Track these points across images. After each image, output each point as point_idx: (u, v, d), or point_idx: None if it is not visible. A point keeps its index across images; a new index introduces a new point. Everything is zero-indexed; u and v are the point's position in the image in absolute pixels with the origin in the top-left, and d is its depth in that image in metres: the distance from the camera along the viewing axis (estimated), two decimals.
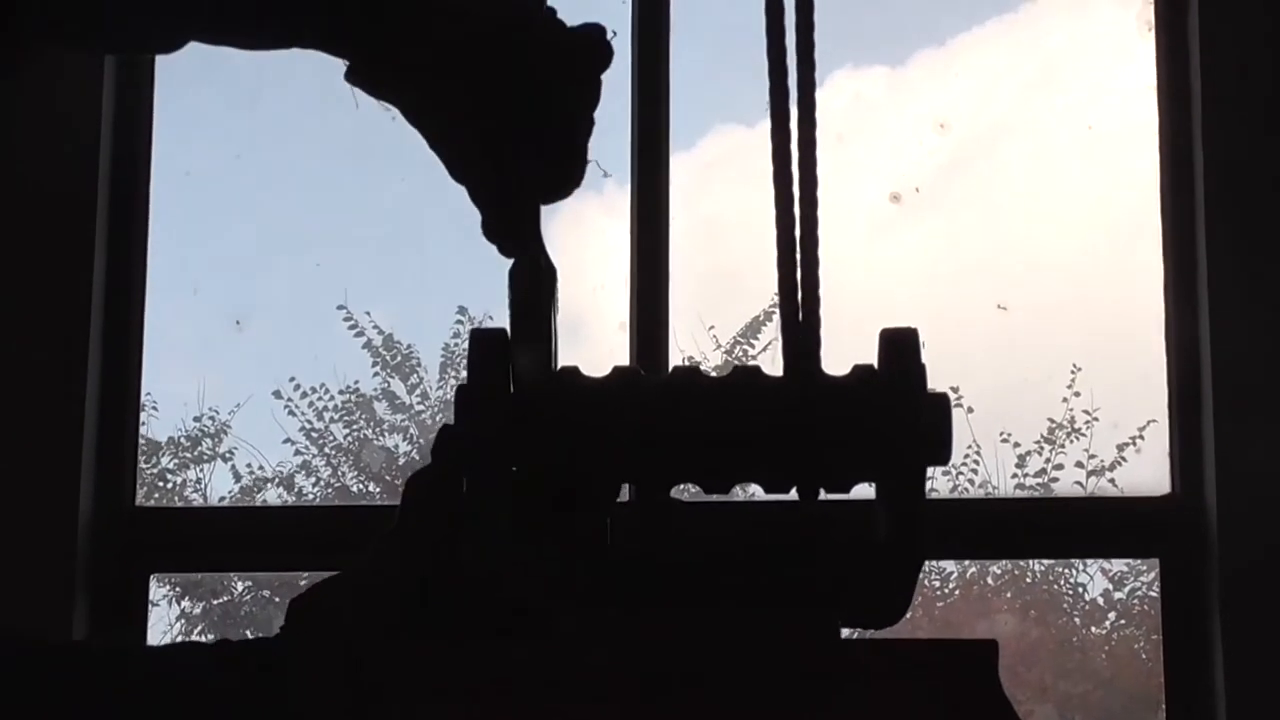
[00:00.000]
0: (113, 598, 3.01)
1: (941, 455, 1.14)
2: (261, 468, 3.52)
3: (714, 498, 1.22)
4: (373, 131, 3.28)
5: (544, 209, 1.30)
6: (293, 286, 3.51)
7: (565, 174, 1.31)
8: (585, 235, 3.45)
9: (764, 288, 3.18)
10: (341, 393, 3.55)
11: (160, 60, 3.18)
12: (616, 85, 3.13)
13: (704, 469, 1.16)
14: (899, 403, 1.13)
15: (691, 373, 1.17)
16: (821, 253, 1.18)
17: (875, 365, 1.16)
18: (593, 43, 1.30)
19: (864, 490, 1.18)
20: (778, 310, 1.17)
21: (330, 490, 3.55)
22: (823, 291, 1.17)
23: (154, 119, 3.17)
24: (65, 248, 3.05)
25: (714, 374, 1.18)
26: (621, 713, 1.08)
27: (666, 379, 1.17)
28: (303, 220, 3.50)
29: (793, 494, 1.17)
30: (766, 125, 1.18)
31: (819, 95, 1.17)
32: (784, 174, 1.17)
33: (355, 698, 1.14)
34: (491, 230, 1.29)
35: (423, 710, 1.08)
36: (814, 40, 1.18)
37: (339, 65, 1.32)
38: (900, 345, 1.14)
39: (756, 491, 1.18)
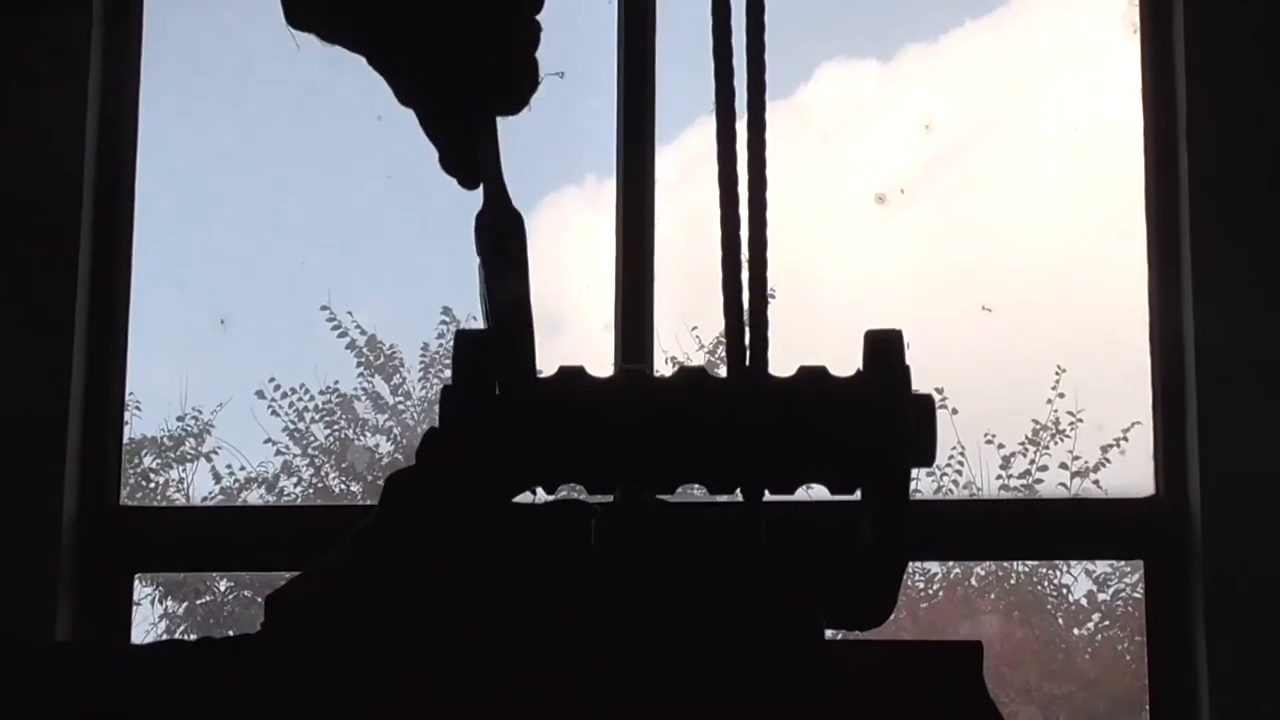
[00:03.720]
0: (96, 596, 3.00)
1: (926, 457, 1.13)
2: (243, 468, 3.51)
3: (701, 497, 1.22)
4: (358, 132, 3.27)
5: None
6: (278, 286, 3.51)
7: (516, 83, 1.26)
8: (568, 231, 3.45)
9: None
10: (322, 393, 3.54)
11: (146, 57, 3.18)
12: (602, 81, 3.14)
13: (666, 470, 1.15)
14: (883, 405, 1.12)
15: (640, 374, 1.17)
16: (806, 253, 1.18)
17: (825, 367, 1.16)
18: None
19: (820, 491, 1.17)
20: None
21: (312, 490, 3.54)
22: (808, 292, 1.17)
23: (139, 117, 3.16)
24: (50, 246, 3.05)
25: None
26: (606, 712, 1.08)
27: (620, 379, 1.16)
28: (288, 219, 3.50)
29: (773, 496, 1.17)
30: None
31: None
32: (729, 171, 1.16)
33: (335, 696, 1.14)
34: (447, 158, 1.26)
35: (403, 710, 1.08)
36: (764, 41, 1.17)
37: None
38: (885, 347, 1.14)
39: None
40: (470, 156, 1.25)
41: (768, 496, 1.16)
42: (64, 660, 1.22)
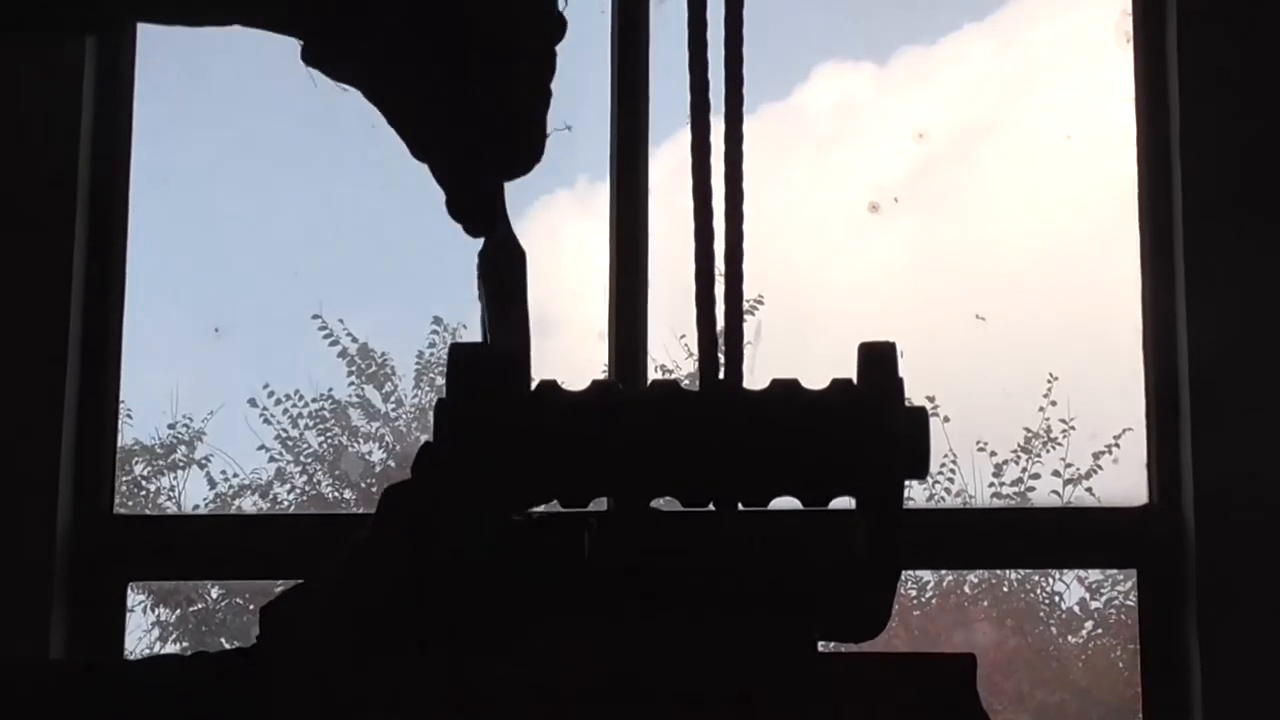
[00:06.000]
0: (90, 604, 3.00)
1: (919, 470, 1.13)
2: (236, 475, 3.51)
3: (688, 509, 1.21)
4: (351, 140, 3.27)
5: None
6: (272, 294, 3.51)
7: (525, 148, 1.29)
8: (560, 237, 3.45)
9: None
10: (315, 400, 3.54)
11: (141, 67, 3.17)
12: (595, 85, 3.14)
13: (638, 485, 1.15)
14: (877, 417, 1.12)
15: (613, 388, 1.17)
16: (800, 261, 1.18)
17: (798, 379, 1.16)
18: (545, 14, 1.28)
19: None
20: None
21: (305, 497, 3.54)
22: (801, 300, 1.17)
23: (134, 126, 3.16)
24: (44, 254, 3.04)
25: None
26: None
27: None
28: (282, 227, 3.50)
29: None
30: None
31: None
32: (703, 184, 1.17)
33: (328, 710, 1.13)
34: (455, 209, 1.28)
35: None
36: (742, 54, 1.18)
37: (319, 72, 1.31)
38: (878, 360, 1.14)
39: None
40: (478, 206, 1.26)
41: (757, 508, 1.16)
42: (57, 678, 1.22)
